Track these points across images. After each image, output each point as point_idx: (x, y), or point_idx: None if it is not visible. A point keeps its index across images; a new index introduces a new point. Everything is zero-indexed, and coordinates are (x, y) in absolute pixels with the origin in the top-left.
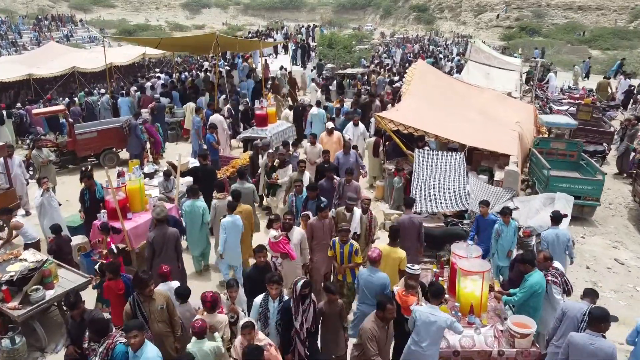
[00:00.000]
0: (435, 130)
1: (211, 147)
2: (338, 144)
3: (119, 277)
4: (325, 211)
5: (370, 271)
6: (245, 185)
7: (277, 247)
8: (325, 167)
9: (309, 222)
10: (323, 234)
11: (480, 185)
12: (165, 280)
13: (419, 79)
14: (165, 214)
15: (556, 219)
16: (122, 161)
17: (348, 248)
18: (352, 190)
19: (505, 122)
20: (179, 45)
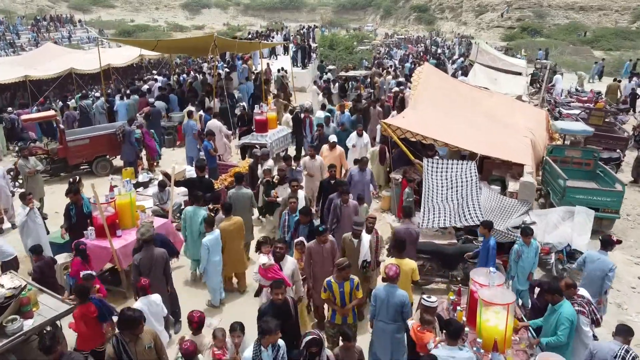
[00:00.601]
0: (444, 137)
1: (208, 155)
2: (340, 159)
3: (89, 301)
4: (325, 235)
5: (388, 288)
6: (242, 191)
7: (268, 274)
8: (331, 184)
9: (308, 245)
10: (323, 260)
11: (494, 197)
12: (145, 294)
13: (426, 83)
14: (150, 234)
15: (606, 243)
16: (115, 169)
17: (349, 285)
18: (350, 211)
19: (517, 128)
20: (177, 47)
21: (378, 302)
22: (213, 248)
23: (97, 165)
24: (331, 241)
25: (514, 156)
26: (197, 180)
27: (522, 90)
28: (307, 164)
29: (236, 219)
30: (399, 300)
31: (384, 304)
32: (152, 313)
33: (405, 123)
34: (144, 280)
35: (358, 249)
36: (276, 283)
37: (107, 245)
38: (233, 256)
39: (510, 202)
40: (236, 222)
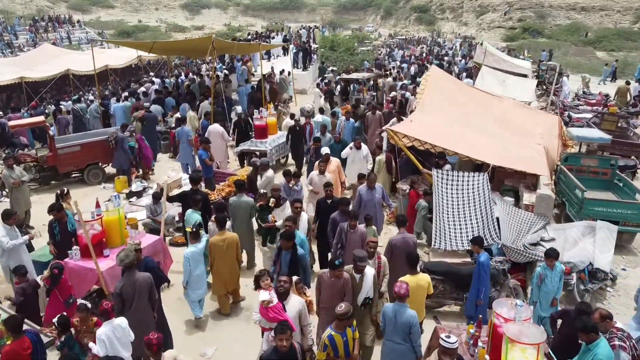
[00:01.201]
0: (454, 146)
1: (204, 164)
2: (337, 174)
3: (23, 335)
4: (340, 270)
5: (397, 307)
6: (243, 199)
7: (270, 314)
8: (328, 204)
9: (319, 275)
10: (332, 296)
11: (508, 211)
12: (108, 318)
13: (434, 87)
14: (131, 259)
15: None
16: (108, 176)
17: (350, 330)
18: (357, 238)
19: (530, 135)
20: (174, 48)
21: (387, 321)
22: (194, 260)
23: (88, 174)
24: (345, 278)
25: (529, 166)
26: (190, 193)
27: (532, 95)
28: (314, 180)
29: (229, 235)
30: (407, 320)
31: (391, 323)
32: (118, 338)
33: (413, 130)
34: (106, 303)
35: (360, 285)
36: (281, 327)
37: (93, 266)
38: (222, 274)
39: (526, 216)
40: (228, 239)
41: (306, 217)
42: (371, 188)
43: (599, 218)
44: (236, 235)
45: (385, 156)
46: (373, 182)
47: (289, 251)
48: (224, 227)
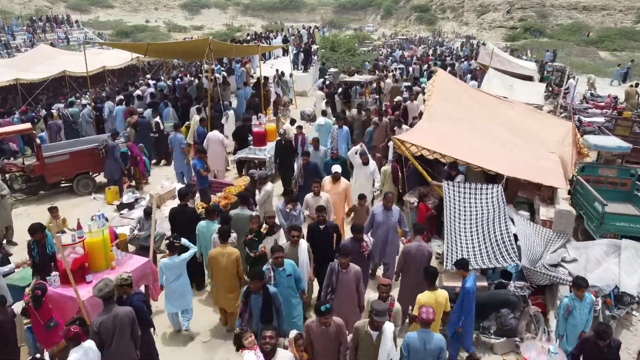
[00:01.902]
0: (465, 155)
1: (199, 175)
2: (344, 195)
3: None
4: (327, 317)
5: (423, 334)
6: (245, 212)
7: None
8: (320, 229)
9: (307, 325)
10: (325, 348)
11: (524, 227)
12: (78, 343)
13: (440, 92)
14: (110, 289)
15: None
16: (100, 185)
17: None
18: (350, 279)
19: (543, 142)
20: (169, 51)
21: (412, 352)
22: (169, 272)
23: (78, 183)
24: (337, 324)
25: (545, 177)
26: (178, 210)
27: (541, 98)
28: (309, 202)
29: (230, 250)
30: (437, 346)
31: (419, 353)
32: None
33: (421, 139)
34: (74, 327)
35: (377, 345)
36: None
37: (74, 294)
38: (221, 289)
39: (544, 233)
40: (229, 254)
41: (306, 246)
42: (388, 209)
43: (620, 234)
44: (237, 251)
45: (391, 166)
46: (391, 202)
47: (260, 294)
48: (226, 241)
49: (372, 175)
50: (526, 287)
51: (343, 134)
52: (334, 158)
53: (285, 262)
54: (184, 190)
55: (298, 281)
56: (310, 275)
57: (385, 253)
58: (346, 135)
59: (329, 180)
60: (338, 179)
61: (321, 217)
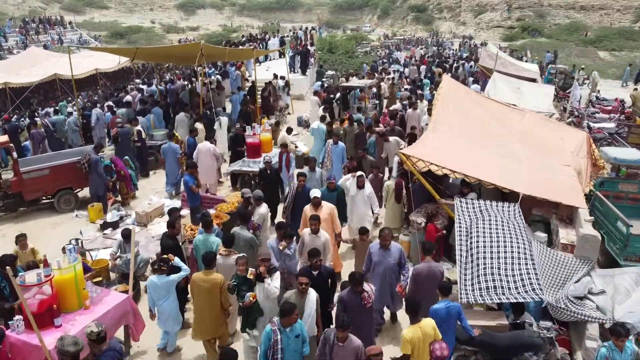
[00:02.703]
0: (476, 171)
1: (190, 191)
2: (330, 221)
3: None
4: None
5: None
6: (245, 233)
7: None
8: (314, 276)
9: None
10: None
11: (543, 252)
12: None
13: (447, 100)
14: (76, 349)
15: None
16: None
17: None
18: (349, 354)
19: (557, 155)
20: (159, 55)
21: None
22: (155, 291)
23: (59, 200)
24: None
25: (565, 196)
26: (162, 241)
27: (550, 103)
28: (306, 242)
29: (214, 277)
30: None
31: None
32: None
33: (428, 153)
34: None
35: None
36: None
37: None
38: (203, 318)
39: (566, 260)
40: (212, 281)
41: (315, 298)
42: (385, 248)
43: None
44: (222, 279)
45: (396, 182)
46: (388, 240)
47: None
48: (210, 267)
49: (369, 199)
50: (554, 328)
51: (338, 151)
52: (331, 189)
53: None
54: (171, 219)
55: (304, 343)
56: (317, 334)
57: (384, 297)
58: (341, 152)
59: (309, 209)
60: (319, 204)
61: (317, 262)
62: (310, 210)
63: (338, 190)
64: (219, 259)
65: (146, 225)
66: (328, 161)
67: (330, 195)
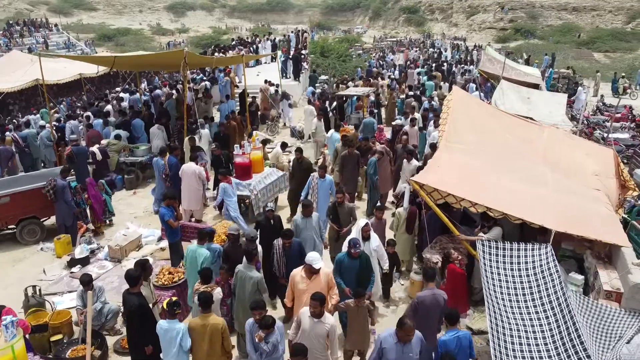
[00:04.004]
0: (501, 203)
1: (167, 226)
2: (327, 290)
3: None
4: None
5: None
6: (253, 274)
7: None
8: None
9: None
10: None
11: (582, 303)
12: None
13: (459, 114)
14: None
15: None
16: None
17: None
18: None
19: (584, 177)
20: (140, 64)
21: None
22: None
23: (22, 231)
24: None
25: (603, 231)
26: (127, 299)
27: (564, 114)
28: (305, 326)
29: (214, 321)
30: None
31: None
32: None
33: (444, 181)
34: None
35: None
36: None
37: None
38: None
39: (612, 313)
40: (212, 325)
41: None
42: (404, 341)
43: None
44: (223, 322)
45: (410, 210)
46: (409, 334)
47: None
48: (208, 309)
49: (376, 253)
50: None
51: (325, 186)
52: (354, 256)
53: None
54: (133, 272)
55: None
56: None
57: None
58: (329, 186)
59: (300, 275)
60: (316, 271)
61: None
62: (301, 277)
63: (362, 258)
64: None
65: (120, 261)
66: (313, 197)
67: (351, 263)
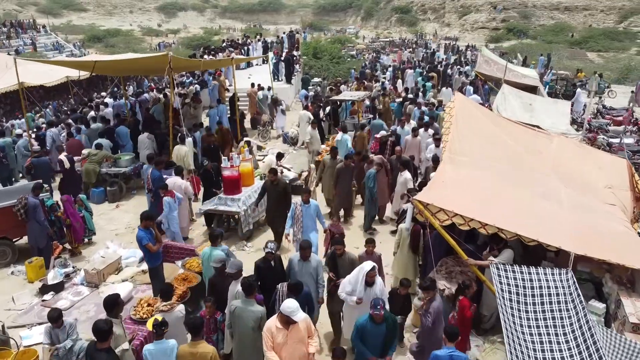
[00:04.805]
0: (514, 223)
1: (146, 250)
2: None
3: None
4: None
5: None
6: (255, 309)
7: None
8: None
9: None
10: None
11: (606, 336)
12: None
13: (463, 124)
14: None
15: None
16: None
17: None
18: None
19: (598, 191)
20: (122, 68)
21: None
22: None
23: None
24: None
25: (626, 254)
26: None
27: (568, 121)
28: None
29: (204, 350)
30: None
31: None
32: None
33: (450, 200)
34: None
35: None
36: None
37: None
38: None
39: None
40: (201, 355)
41: None
42: None
43: None
44: (213, 351)
45: (413, 230)
46: None
47: None
48: (198, 336)
49: (382, 292)
50: None
51: (310, 212)
52: (377, 321)
53: None
54: (103, 326)
55: None
56: None
57: None
58: (315, 212)
59: (276, 326)
60: (293, 323)
61: None
62: (277, 329)
63: (388, 321)
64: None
65: (98, 286)
66: (297, 227)
67: (376, 329)
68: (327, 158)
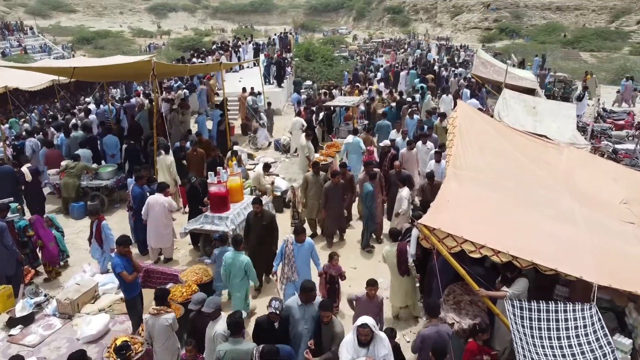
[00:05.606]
0: (528, 251)
1: (121, 280)
2: None
3: None
4: None
5: None
6: (245, 347)
7: None
8: None
9: None
10: None
11: None
12: None
13: (467, 135)
14: None
15: None
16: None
17: None
18: None
19: (615, 209)
20: (104, 74)
21: None
22: None
23: None
24: None
25: None
26: None
27: (574, 128)
28: None
29: None
30: None
31: None
32: None
33: (457, 224)
34: None
35: None
36: None
37: None
38: None
39: None
40: None
41: None
42: None
43: None
44: None
45: (398, 248)
46: None
47: None
48: None
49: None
50: None
51: (304, 252)
52: None
53: None
54: None
55: None
56: None
57: None
58: (309, 251)
59: None
60: None
61: None
62: None
63: None
64: (148, 319)
65: (72, 317)
66: (289, 268)
67: None
68: (310, 175)
